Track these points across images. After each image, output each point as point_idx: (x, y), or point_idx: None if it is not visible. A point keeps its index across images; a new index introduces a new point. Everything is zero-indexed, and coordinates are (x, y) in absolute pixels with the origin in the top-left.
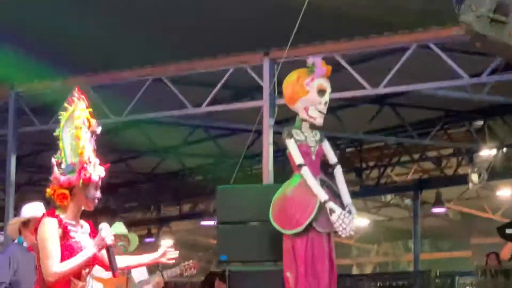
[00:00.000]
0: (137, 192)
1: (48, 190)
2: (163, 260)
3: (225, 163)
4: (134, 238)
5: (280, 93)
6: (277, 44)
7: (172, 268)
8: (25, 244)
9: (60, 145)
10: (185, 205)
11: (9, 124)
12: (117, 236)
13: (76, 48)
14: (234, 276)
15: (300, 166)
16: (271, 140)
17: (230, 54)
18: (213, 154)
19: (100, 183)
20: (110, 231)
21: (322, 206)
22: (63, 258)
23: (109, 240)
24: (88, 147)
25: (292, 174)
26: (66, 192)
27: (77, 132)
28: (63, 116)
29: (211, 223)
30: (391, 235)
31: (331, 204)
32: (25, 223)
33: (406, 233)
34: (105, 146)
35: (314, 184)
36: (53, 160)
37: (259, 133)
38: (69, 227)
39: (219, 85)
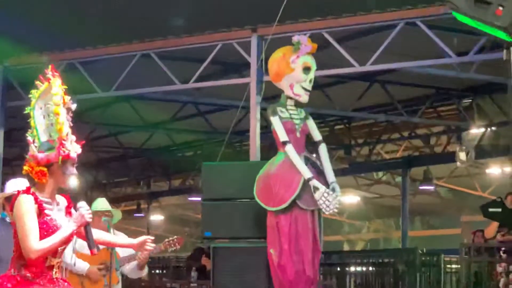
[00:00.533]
0: (127, 167)
1: (25, 167)
2: (139, 249)
3: (215, 139)
4: (117, 214)
5: (268, 70)
6: (265, 21)
7: (156, 245)
8: (7, 219)
9: (32, 123)
10: (174, 180)
11: None
12: (100, 212)
13: (64, 23)
14: (219, 252)
15: (284, 143)
16: (258, 117)
17: (218, 30)
18: (202, 130)
19: (76, 160)
20: (88, 209)
21: (306, 183)
22: (40, 236)
23: (88, 218)
24: (66, 123)
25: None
26: (45, 169)
27: (56, 108)
28: (34, 94)
29: (198, 199)
30: (382, 212)
31: (314, 182)
32: (8, 199)
33: (397, 210)
34: (94, 121)
35: (298, 161)
36: (29, 138)
37: (248, 109)
38: (45, 205)
39: (207, 61)
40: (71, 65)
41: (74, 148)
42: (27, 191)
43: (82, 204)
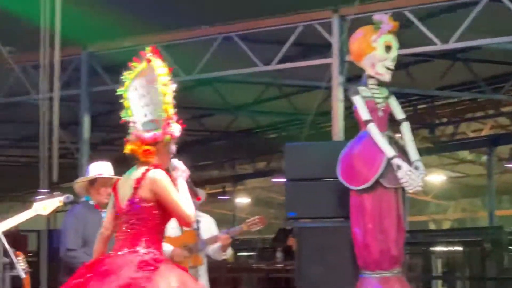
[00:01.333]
0: (211, 150)
1: (128, 147)
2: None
3: (298, 120)
4: (202, 193)
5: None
6: (346, 1)
7: (237, 226)
8: (91, 202)
9: (126, 103)
10: (259, 162)
11: (82, 83)
12: None
13: (145, 7)
14: (303, 232)
15: (366, 122)
16: (341, 97)
17: (299, 11)
18: (286, 112)
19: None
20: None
21: (389, 162)
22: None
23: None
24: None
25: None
26: (151, 148)
27: (164, 89)
28: (127, 75)
29: (283, 180)
30: (468, 191)
31: (397, 160)
32: (92, 182)
33: (483, 189)
34: (178, 104)
35: (381, 140)
36: (130, 118)
37: (331, 90)
38: None
39: (288, 43)
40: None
41: (177, 127)
42: (160, 166)
43: (176, 161)
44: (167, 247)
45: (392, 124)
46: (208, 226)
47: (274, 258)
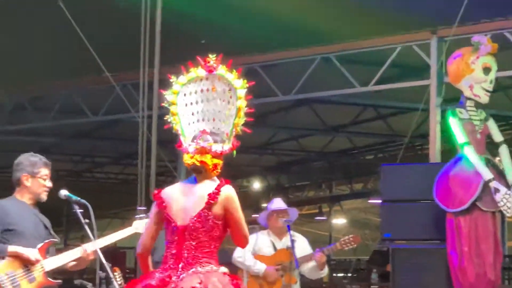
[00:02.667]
0: (309, 170)
1: (193, 158)
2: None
3: (395, 142)
4: (293, 212)
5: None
6: (445, 22)
7: (332, 244)
8: None
9: (173, 109)
10: (356, 184)
11: None
12: (276, 213)
13: (243, 28)
14: (398, 253)
15: (464, 144)
16: (438, 119)
17: (397, 32)
18: (382, 133)
19: None
20: None
21: (486, 185)
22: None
23: None
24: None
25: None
26: (220, 161)
27: (242, 103)
28: (179, 80)
29: (379, 201)
30: None
31: (495, 183)
32: None
33: None
34: (276, 124)
35: (478, 162)
36: (206, 128)
37: (428, 112)
38: None
39: (386, 64)
40: (251, 69)
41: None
42: (228, 182)
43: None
44: (259, 266)
45: (490, 147)
46: (302, 246)
47: (369, 279)
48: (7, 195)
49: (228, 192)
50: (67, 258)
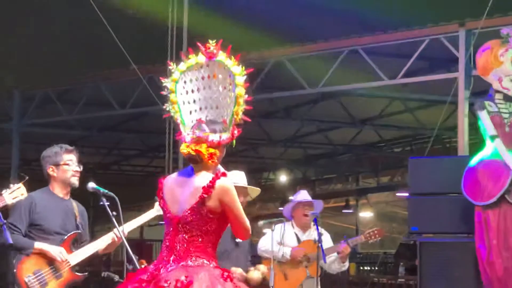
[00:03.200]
0: (336, 163)
1: (189, 148)
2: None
3: (423, 134)
4: (318, 205)
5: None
6: (473, 15)
7: (357, 236)
8: None
9: (173, 98)
10: (383, 177)
11: None
12: (302, 204)
13: (273, 20)
14: (425, 247)
15: (492, 137)
16: (466, 112)
17: (425, 25)
18: (410, 126)
19: None
20: None
21: None
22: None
23: None
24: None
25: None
26: (217, 151)
27: (242, 90)
28: (178, 67)
29: (406, 195)
30: None
31: None
32: None
33: None
34: (303, 117)
35: (507, 155)
36: (201, 117)
37: (456, 104)
38: None
39: (414, 57)
40: (280, 62)
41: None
42: (224, 175)
43: (221, 168)
44: (285, 249)
45: None
46: (326, 240)
47: (396, 272)
48: (37, 187)
49: (223, 184)
50: (92, 249)
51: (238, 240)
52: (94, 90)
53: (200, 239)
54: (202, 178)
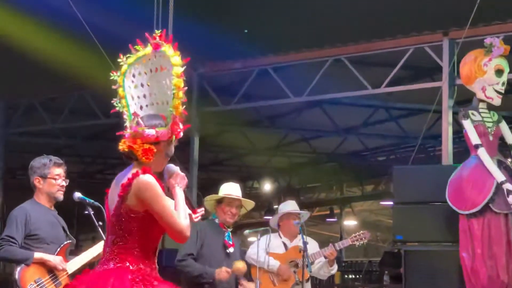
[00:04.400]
0: (320, 172)
1: (124, 144)
2: None
3: (407, 143)
4: (305, 215)
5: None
6: (457, 24)
7: (343, 240)
8: (217, 221)
9: (120, 92)
10: (367, 185)
11: (192, 104)
12: (289, 215)
13: (256, 29)
14: (410, 255)
15: (476, 146)
16: (450, 121)
17: (409, 34)
18: (394, 135)
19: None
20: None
21: (499, 187)
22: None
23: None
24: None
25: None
26: (153, 147)
27: (179, 81)
28: (127, 58)
29: (391, 203)
30: None
31: (508, 185)
32: (220, 201)
33: None
34: (287, 126)
35: (490, 164)
36: (136, 111)
37: (440, 113)
38: None
39: (398, 66)
40: (264, 70)
41: (181, 128)
42: (149, 171)
43: (174, 167)
44: (274, 262)
45: (502, 148)
46: (312, 247)
47: (381, 281)
48: (21, 196)
49: (141, 181)
50: (88, 256)
51: (229, 250)
52: (78, 99)
53: (123, 241)
54: (127, 176)
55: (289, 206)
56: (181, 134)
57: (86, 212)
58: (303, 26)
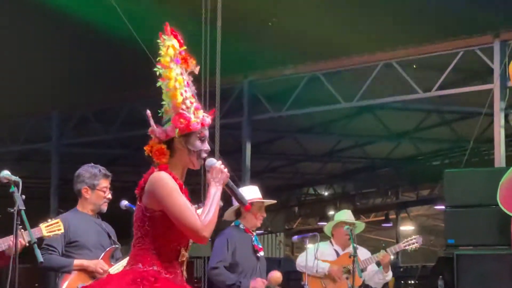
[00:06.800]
0: (375, 177)
1: (146, 147)
2: None
3: (461, 147)
4: (360, 226)
5: None
6: (508, 26)
7: (396, 245)
8: (241, 226)
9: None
10: (422, 190)
11: (244, 111)
12: (344, 223)
13: (306, 37)
14: (462, 259)
15: None
16: (502, 123)
17: (459, 37)
18: (448, 139)
19: (206, 133)
20: (220, 163)
21: None
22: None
23: (227, 172)
24: (183, 89)
25: None
26: (164, 147)
27: (168, 72)
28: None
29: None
30: None
31: None
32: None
33: None
34: (340, 131)
35: None
36: (148, 112)
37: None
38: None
39: (449, 69)
40: (314, 76)
41: (199, 118)
42: (164, 168)
43: (212, 161)
44: (323, 265)
45: None
46: (363, 254)
47: (435, 286)
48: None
49: (153, 177)
50: None
51: (259, 254)
52: (130, 109)
53: (140, 242)
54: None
55: (344, 215)
56: (195, 126)
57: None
58: (353, 31)
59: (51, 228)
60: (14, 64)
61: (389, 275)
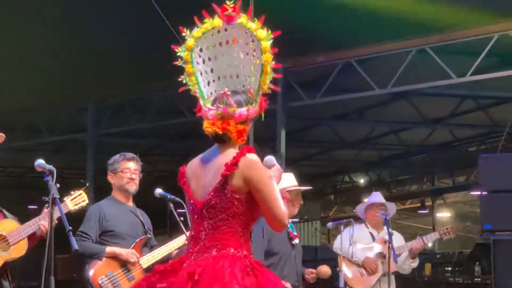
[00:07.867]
0: (410, 164)
1: (214, 125)
2: None
3: (497, 132)
4: (391, 207)
5: None
6: None
7: (431, 233)
8: None
9: (190, 69)
10: (458, 176)
11: (278, 99)
12: (376, 206)
13: (338, 23)
14: (499, 244)
15: None
16: None
17: (494, 21)
18: (483, 124)
19: None
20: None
21: None
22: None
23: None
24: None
25: None
26: (246, 127)
27: (268, 57)
28: (192, 32)
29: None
30: None
31: None
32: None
33: None
34: (374, 118)
35: None
36: (227, 91)
37: None
38: None
39: (483, 53)
40: (348, 63)
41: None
42: (253, 150)
43: (272, 159)
44: (358, 255)
45: None
46: (398, 241)
47: (472, 272)
48: None
49: (249, 159)
50: (166, 250)
51: (294, 241)
52: (164, 98)
53: (226, 225)
54: (227, 155)
55: (375, 197)
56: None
57: (169, 208)
58: (385, 17)
59: (76, 200)
60: (49, 57)
61: (416, 261)
